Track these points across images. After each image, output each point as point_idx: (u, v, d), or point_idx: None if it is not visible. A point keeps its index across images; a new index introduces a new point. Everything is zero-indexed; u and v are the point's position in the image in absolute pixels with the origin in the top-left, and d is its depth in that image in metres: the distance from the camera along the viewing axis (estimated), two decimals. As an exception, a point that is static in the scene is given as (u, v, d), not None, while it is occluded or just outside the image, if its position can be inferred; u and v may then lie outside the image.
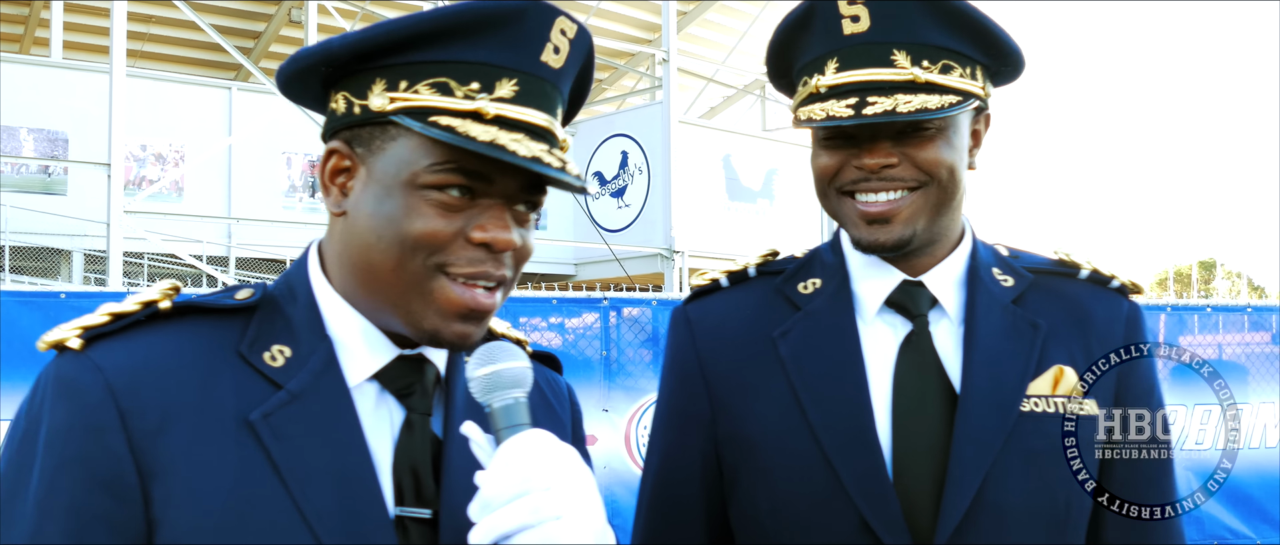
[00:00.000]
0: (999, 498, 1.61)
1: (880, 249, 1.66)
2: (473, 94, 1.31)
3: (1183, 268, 39.97)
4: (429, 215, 1.30)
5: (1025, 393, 1.65)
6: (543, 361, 1.68)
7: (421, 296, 1.32)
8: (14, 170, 14.10)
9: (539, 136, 1.34)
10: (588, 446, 1.68)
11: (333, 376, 1.34)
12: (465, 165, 1.30)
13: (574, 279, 17.61)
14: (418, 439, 1.37)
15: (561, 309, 6.78)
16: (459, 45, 1.32)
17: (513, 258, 1.37)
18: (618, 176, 17.56)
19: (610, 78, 21.87)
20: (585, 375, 6.55)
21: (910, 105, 1.58)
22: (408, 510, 1.33)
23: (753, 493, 1.71)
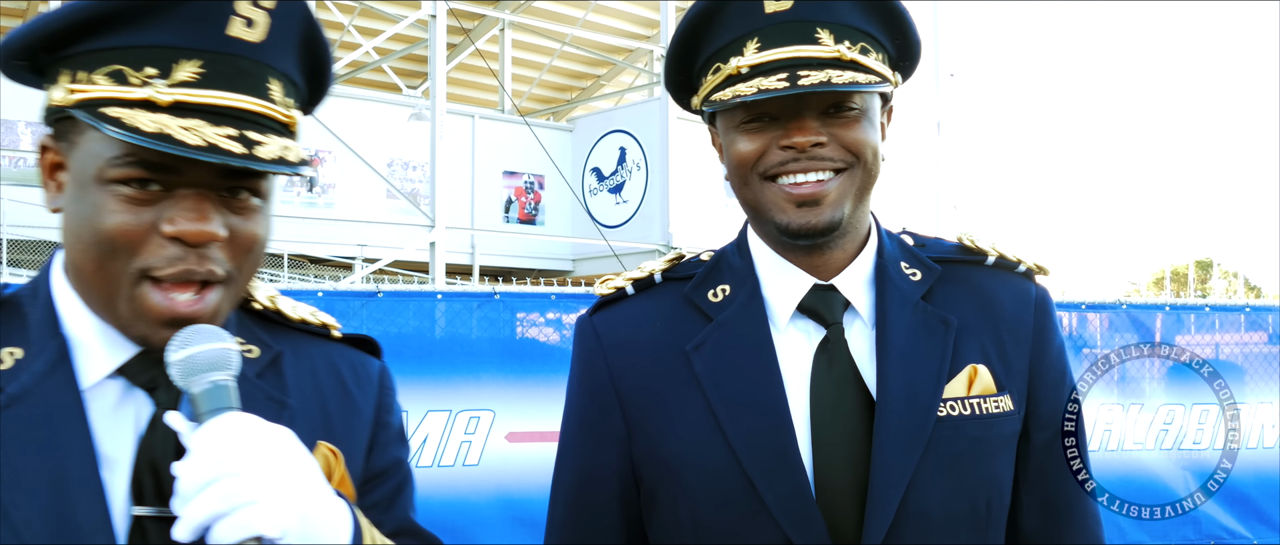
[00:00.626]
0: (922, 505, 1.58)
1: (811, 233, 1.62)
2: (148, 80, 1.24)
3: (1179, 267, 40.00)
4: (117, 211, 1.25)
5: (941, 396, 1.63)
6: (357, 345, 1.62)
7: (129, 304, 1.28)
8: (12, 163, 14.09)
9: (228, 119, 1.25)
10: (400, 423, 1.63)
11: (60, 377, 1.30)
12: (145, 157, 1.24)
13: (572, 275, 17.60)
14: (161, 436, 1.30)
15: (560, 304, 6.78)
16: (133, 28, 1.24)
17: (229, 250, 1.30)
18: (616, 172, 17.55)
19: (608, 74, 21.85)
20: (583, 371, 6.54)
21: (842, 78, 1.57)
22: (147, 509, 1.28)
23: (674, 513, 1.67)
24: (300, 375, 1.49)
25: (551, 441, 6.87)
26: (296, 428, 1.41)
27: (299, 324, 1.56)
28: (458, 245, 15.99)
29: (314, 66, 1.42)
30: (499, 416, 6.25)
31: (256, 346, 1.47)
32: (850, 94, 1.61)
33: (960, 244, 1.81)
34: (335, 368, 1.55)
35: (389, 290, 6.64)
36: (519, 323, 6.72)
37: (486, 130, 17.36)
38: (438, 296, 6.63)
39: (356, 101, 16.13)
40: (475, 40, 17.09)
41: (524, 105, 19.61)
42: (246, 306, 1.52)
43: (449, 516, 6.09)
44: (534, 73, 20.86)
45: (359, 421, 1.54)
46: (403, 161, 16.30)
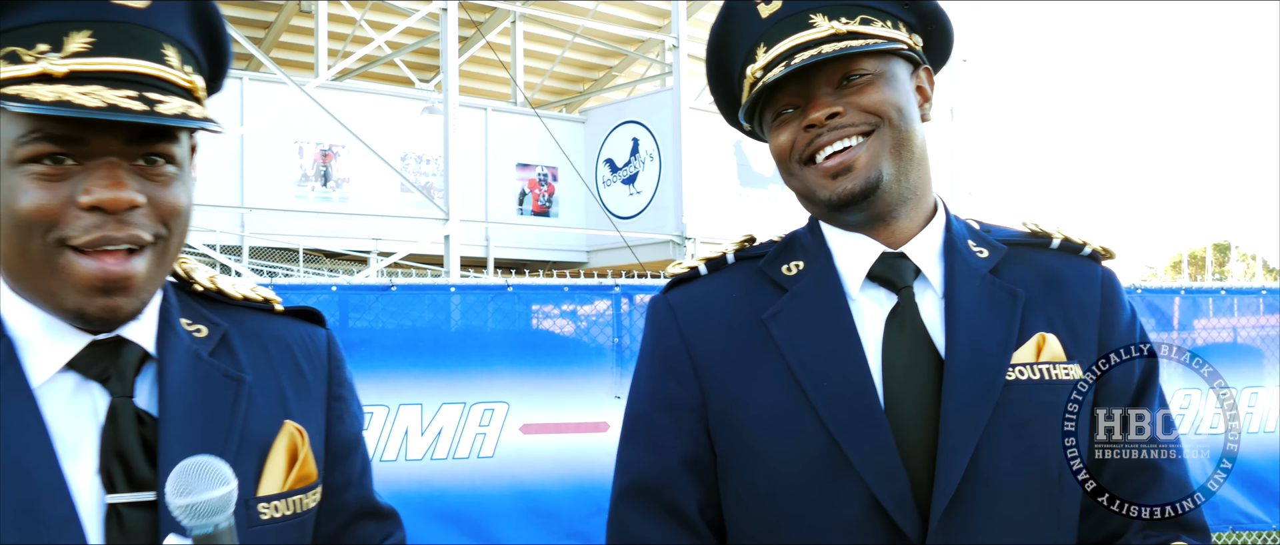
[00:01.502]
0: (991, 467, 1.60)
1: (850, 199, 1.67)
2: (41, 55, 1.25)
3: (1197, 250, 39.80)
4: (31, 190, 1.26)
5: (1009, 361, 1.65)
6: (302, 317, 1.62)
7: (54, 276, 1.28)
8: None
9: (124, 83, 1.26)
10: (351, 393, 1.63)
11: (9, 378, 1.30)
12: (50, 131, 1.25)
13: (586, 266, 17.61)
14: (122, 424, 1.32)
15: (573, 296, 6.78)
16: (18, 8, 1.26)
17: (151, 215, 1.31)
18: (629, 163, 17.55)
19: (620, 65, 21.83)
20: (597, 362, 6.55)
21: (835, 48, 1.63)
22: (121, 497, 1.29)
23: (751, 477, 1.69)
24: (252, 352, 1.50)
25: (566, 433, 6.83)
26: (255, 404, 1.43)
27: (242, 301, 1.57)
28: (472, 238, 16.02)
29: (207, 32, 1.41)
30: (513, 408, 6.26)
31: (204, 326, 1.48)
32: (855, 62, 1.67)
33: (1026, 228, 1.85)
34: (285, 342, 1.56)
35: (403, 283, 6.67)
36: (533, 314, 6.74)
37: (499, 123, 17.37)
38: (452, 289, 6.64)
39: (369, 96, 16.16)
40: (487, 33, 17.09)
41: (536, 97, 19.61)
42: (189, 288, 1.54)
43: (464, 508, 6.11)
44: (546, 64, 20.85)
45: (313, 396, 1.54)
46: (416, 155, 16.32)
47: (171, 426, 1.34)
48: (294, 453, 1.44)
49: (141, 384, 1.37)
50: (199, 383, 1.39)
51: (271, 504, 1.40)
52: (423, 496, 6.04)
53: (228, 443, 1.37)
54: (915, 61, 1.77)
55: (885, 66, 1.70)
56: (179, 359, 1.40)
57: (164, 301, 1.45)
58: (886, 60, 1.70)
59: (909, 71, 1.75)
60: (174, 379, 1.38)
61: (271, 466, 1.41)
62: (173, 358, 1.40)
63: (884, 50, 1.68)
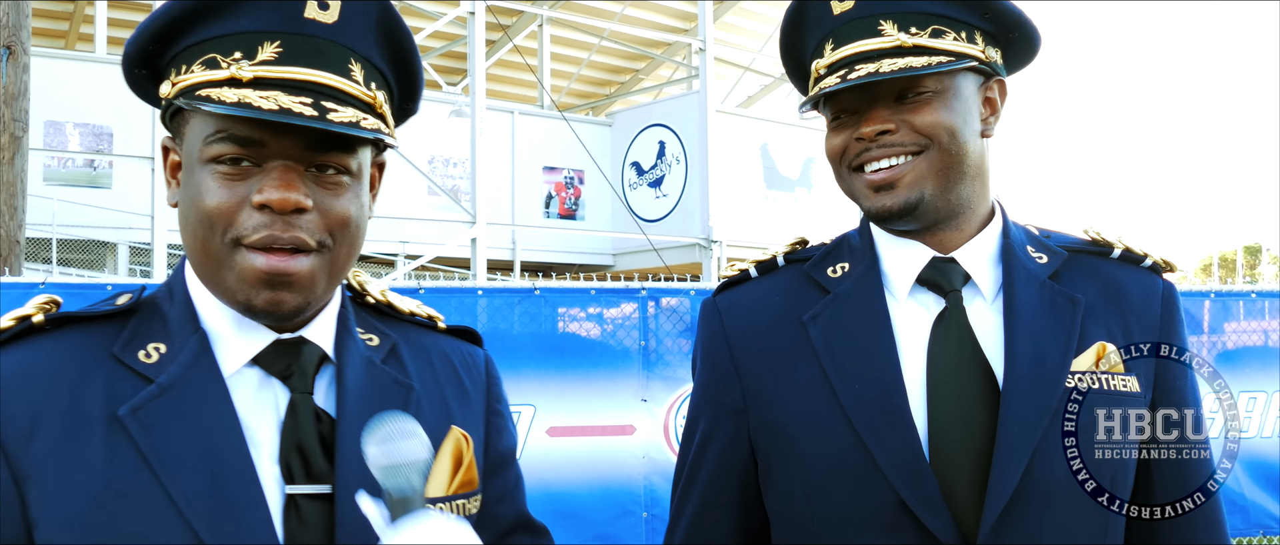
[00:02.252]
0: (1047, 475, 1.59)
1: (888, 215, 1.68)
2: (234, 62, 1.34)
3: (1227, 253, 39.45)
4: (213, 189, 1.34)
5: (1068, 368, 1.64)
6: (460, 335, 1.70)
7: (230, 271, 1.35)
8: (60, 164, 14.28)
9: (303, 91, 1.34)
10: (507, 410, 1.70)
11: (204, 366, 1.38)
12: (234, 132, 1.33)
13: (612, 269, 17.62)
14: (302, 419, 1.39)
15: (600, 299, 6.79)
16: (221, 20, 1.35)
17: (318, 222, 1.37)
18: (655, 166, 17.56)
19: (647, 68, 21.85)
20: (623, 365, 6.55)
21: (894, 66, 1.62)
22: (300, 488, 1.36)
23: (788, 479, 1.71)
24: (418, 363, 1.57)
25: (592, 436, 6.84)
26: (423, 412, 1.49)
27: (408, 316, 1.66)
28: (498, 241, 16.08)
29: (397, 52, 1.49)
30: (540, 411, 6.27)
31: (376, 336, 1.56)
32: (918, 79, 1.65)
33: (1086, 236, 1.85)
34: (447, 357, 1.63)
35: (431, 287, 6.68)
36: (560, 317, 6.74)
37: (526, 126, 17.42)
38: (479, 292, 6.66)
39: (397, 99, 16.20)
40: (514, 36, 17.14)
41: (563, 100, 19.65)
42: (362, 300, 1.62)
43: (492, 510, 6.13)
44: (572, 68, 20.89)
45: (473, 411, 1.61)
46: (443, 158, 16.39)
47: (350, 424, 1.40)
48: (459, 458, 1.49)
49: (319, 383, 1.44)
50: (373, 386, 1.46)
51: (438, 507, 1.44)
52: (450, 498, 6.03)
53: None
54: (987, 73, 1.74)
55: (949, 83, 1.67)
56: (355, 363, 1.47)
57: (341, 309, 1.52)
58: (951, 76, 1.68)
59: (978, 84, 1.72)
60: (351, 381, 1.45)
61: (438, 470, 1.46)
62: (350, 361, 1.47)
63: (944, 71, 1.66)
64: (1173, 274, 1.83)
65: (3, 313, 1.41)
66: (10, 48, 7.66)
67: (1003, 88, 1.78)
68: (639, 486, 6.28)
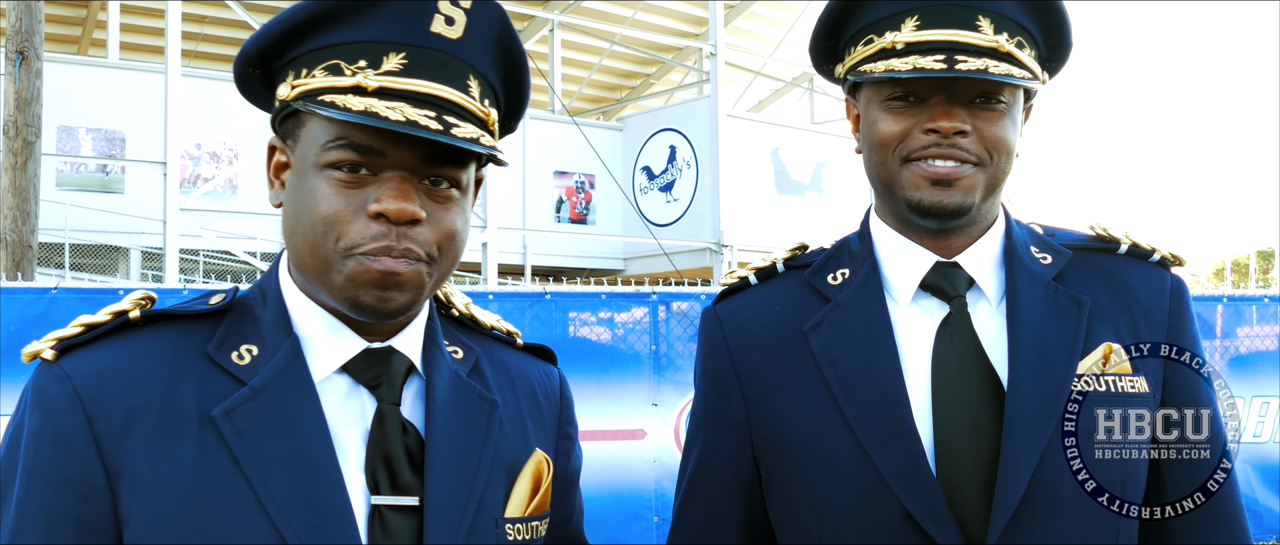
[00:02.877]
0: (1053, 481, 1.57)
1: (941, 212, 1.63)
2: (359, 70, 1.34)
3: (1240, 257, 39.31)
4: (329, 195, 1.34)
5: (1074, 371, 1.62)
6: (536, 354, 1.71)
7: (339, 275, 1.35)
8: (73, 169, 14.34)
9: (427, 104, 1.35)
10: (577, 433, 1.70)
11: (297, 371, 1.38)
12: (355, 140, 1.33)
13: (623, 274, 17.63)
14: (389, 429, 1.39)
15: (610, 303, 6.79)
16: (347, 27, 1.36)
17: (431, 236, 1.38)
18: (666, 171, 17.56)
19: (658, 72, 21.86)
20: (634, 370, 6.55)
21: (999, 69, 1.58)
22: (386, 499, 1.36)
23: (792, 491, 1.68)
24: (499, 380, 1.57)
25: (603, 440, 6.85)
26: (505, 428, 1.50)
27: (490, 331, 1.66)
28: (509, 245, 16.09)
29: (510, 71, 1.51)
30: (551, 415, 6.27)
31: (460, 349, 1.55)
32: (1000, 87, 1.61)
33: (1092, 232, 1.81)
34: (526, 376, 1.63)
35: (442, 291, 6.69)
36: (571, 322, 6.75)
37: (537, 130, 17.44)
38: (490, 297, 6.66)
39: (408, 104, 16.24)
40: (525, 41, 17.16)
41: (574, 105, 19.67)
42: (448, 313, 1.62)
43: (503, 515, 6.13)
44: (583, 72, 20.92)
45: (547, 431, 1.61)
46: (454, 163, 16.40)
47: (437, 439, 1.41)
48: (538, 481, 1.50)
49: (405, 395, 1.44)
50: (459, 400, 1.46)
51: (515, 526, 1.46)
52: (461, 503, 6.04)
53: (483, 461, 1.44)
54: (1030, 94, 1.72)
55: (1014, 98, 1.65)
56: (443, 376, 1.47)
57: (429, 320, 1.52)
58: (1017, 92, 1.65)
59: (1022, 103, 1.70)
60: (440, 394, 1.45)
61: (518, 490, 1.48)
62: (438, 374, 1.47)
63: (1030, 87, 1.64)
64: (1181, 268, 1.79)
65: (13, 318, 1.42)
66: (23, 53, 7.70)
67: (1030, 111, 1.77)
68: (650, 491, 6.28)
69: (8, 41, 7.76)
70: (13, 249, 7.58)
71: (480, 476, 1.42)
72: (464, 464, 1.41)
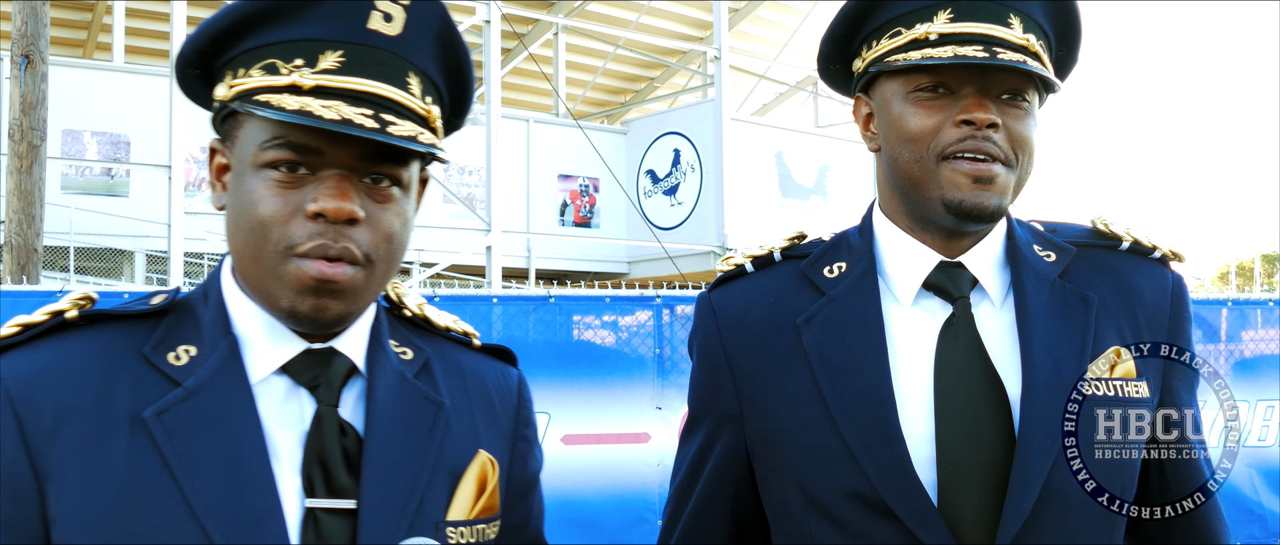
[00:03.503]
0: (1064, 485, 1.57)
1: (981, 214, 1.60)
2: (295, 69, 1.33)
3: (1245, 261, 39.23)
4: (267, 195, 1.33)
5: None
6: (494, 355, 1.68)
7: (276, 278, 1.34)
8: (78, 173, 14.37)
9: (364, 102, 1.34)
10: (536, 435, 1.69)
11: (233, 372, 1.37)
12: (292, 139, 1.33)
13: (627, 277, 17.64)
14: (326, 431, 1.37)
15: (615, 307, 6.79)
16: (283, 25, 1.35)
17: (369, 237, 1.36)
18: (670, 174, 17.56)
19: (662, 76, 21.87)
20: (639, 373, 6.56)
21: (1035, 65, 1.57)
22: (320, 502, 1.34)
23: (784, 488, 1.69)
24: (451, 381, 1.55)
25: (607, 444, 6.82)
26: (452, 430, 1.48)
27: (444, 331, 1.64)
28: (514, 248, 16.10)
29: (452, 67, 1.50)
30: (554, 419, 6.28)
31: (410, 349, 1.54)
32: (1027, 85, 1.62)
33: (1094, 228, 1.80)
34: (480, 377, 1.61)
35: (446, 294, 6.70)
36: (574, 325, 6.75)
37: (541, 134, 17.46)
38: (494, 300, 6.67)
39: (412, 107, 16.26)
40: (529, 45, 17.19)
41: (578, 109, 19.68)
42: (399, 313, 1.61)
43: (507, 518, 6.13)
44: (588, 76, 20.93)
45: (501, 433, 1.59)
46: (459, 166, 16.43)
47: (376, 441, 1.39)
48: (484, 483, 1.48)
49: (346, 396, 1.42)
50: (403, 402, 1.45)
51: (458, 529, 1.44)
52: (465, 506, 6.05)
53: (424, 463, 1.43)
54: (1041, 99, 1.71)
55: (1035, 100, 1.65)
56: (386, 377, 1.46)
57: (375, 321, 1.50)
58: (1036, 93, 1.66)
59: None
60: (381, 395, 1.43)
61: (461, 493, 1.46)
62: (381, 375, 1.45)
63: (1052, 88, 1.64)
64: (1181, 264, 1.79)
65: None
66: (29, 57, 7.72)
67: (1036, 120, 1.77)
68: (654, 494, 6.28)
69: (13, 45, 7.78)
70: (18, 252, 7.60)
71: (421, 479, 1.40)
72: (404, 466, 1.40)
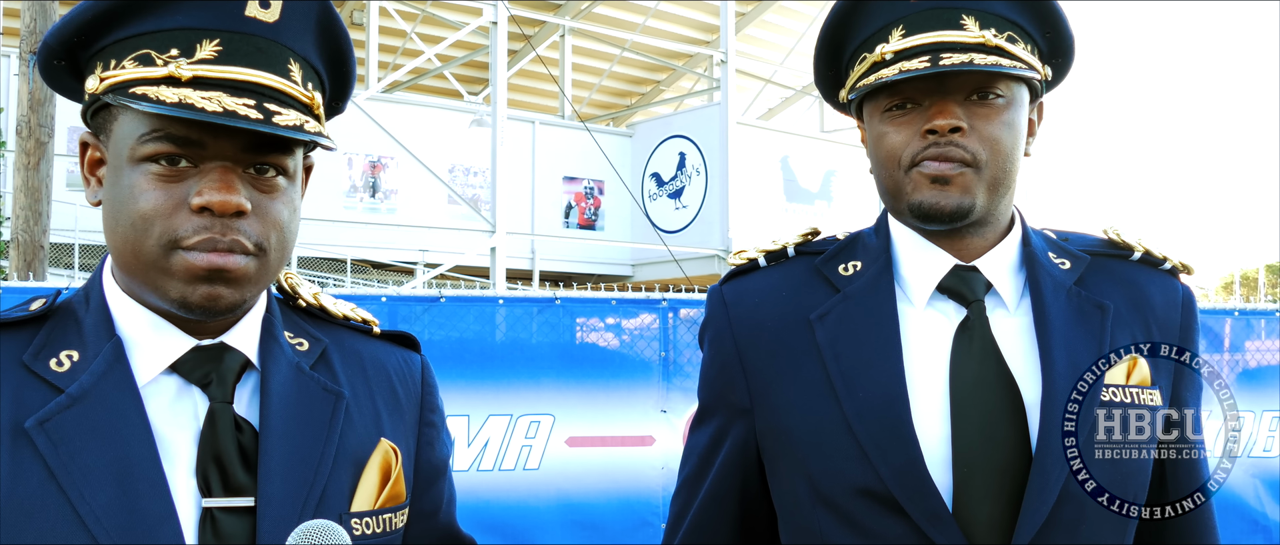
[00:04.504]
0: (1079, 490, 1.58)
1: (940, 214, 1.63)
2: (171, 59, 1.29)
3: (1249, 271, 39.14)
4: (147, 190, 1.30)
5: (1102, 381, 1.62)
6: (396, 341, 1.65)
7: (162, 272, 1.31)
8: (84, 170, 14.38)
9: (245, 92, 1.31)
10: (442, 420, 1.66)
11: (118, 375, 1.33)
12: (172, 132, 1.29)
13: (632, 280, 17.64)
14: (221, 429, 1.34)
15: (619, 310, 6.79)
16: (156, 15, 1.31)
17: (258, 227, 1.34)
18: (675, 177, 17.57)
19: (668, 79, 21.87)
20: (643, 376, 6.55)
21: (986, 61, 1.58)
22: (217, 501, 1.31)
23: (793, 484, 1.69)
24: (350, 370, 1.52)
25: (611, 446, 6.80)
26: (352, 420, 1.45)
27: (342, 320, 1.60)
28: (518, 250, 16.10)
29: (333, 52, 1.46)
30: (559, 421, 6.27)
31: (306, 340, 1.51)
32: (994, 80, 1.63)
33: (1106, 238, 1.82)
34: (381, 364, 1.57)
35: (451, 295, 6.69)
36: (579, 327, 6.74)
37: (547, 136, 17.47)
38: (499, 301, 6.66)
39: (418, 108, 16.30)
40: (536, 46, 17.19)
41: (584, 111, 19.69)
42: (294, 304, 1.57)
43: (510, 520, 6.14)
44: (594, 78, 20.94)
45: (405, 420, 1.56)
46: (464, 167, 16.44)
47: (272, 435, 1.36)
48: (387, 471, 1.46)
49: (241, 392, 1.39)
50: (299, 394, 1.42)
51: (362, 520, 1.41)
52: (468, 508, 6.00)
53: (325, 456, 1.40)
54: (1036, 92, 1.73)
55: (1016, 93, 1.66)
56: (281, 369, 1.42)
57: (268, 313, 1.47)
58: (1019, 86, 1.66)
59: (1029, 100, 1.71)
60: (276, 388, 1.40)
61: (365, 483, 1.43)
62: (275, 368, 1.42)
63: (1024, 77, 1.65)
64: (1191, 276, 1.81)
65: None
66: (37, 55, 7.73)
67: (1042, 112, 1.77)
68: (658, 497, 6.27)
69: (22, 42, 7.79)
70: (24, 249, 7.61)
71: (322, 472, 1.37)
72: (303, 459, 1.36)
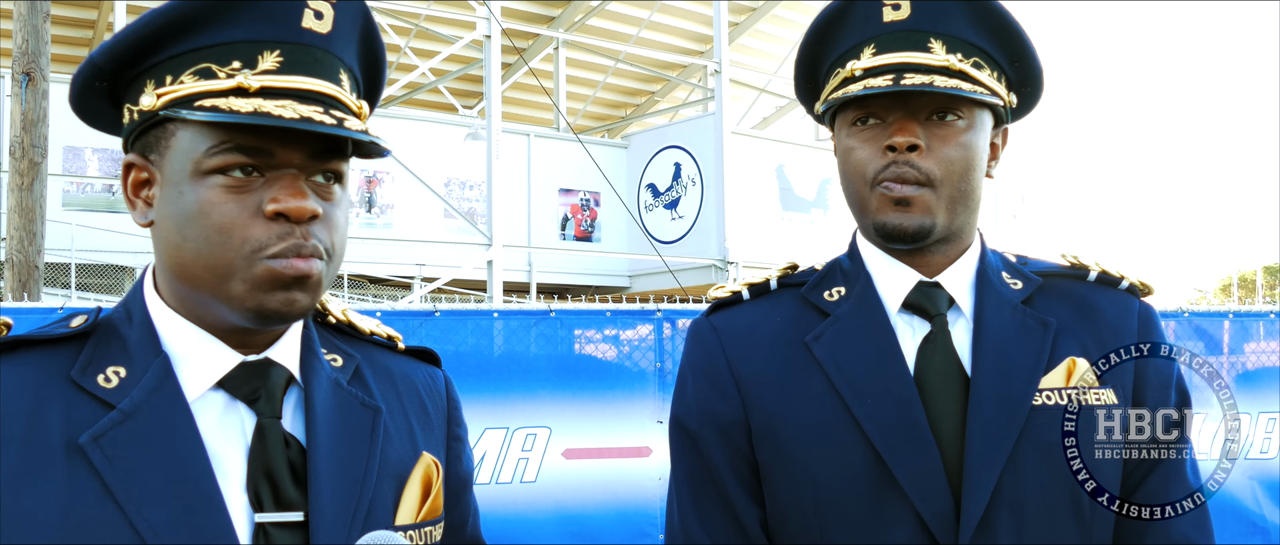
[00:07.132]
0: (1017, 492, 1.61)
1: (901, 235, 1.68)
2: (235, 72, 1.31)
3: (1247, 273, 39.19)
4: (221, 203, 1.30)
5: (1037, 386, 1.66)
6: (419, 357, 1.65)
7: (243, 282, 1.31)
8: (79, 190, 14.39)
9: (312, 100, 1.33)
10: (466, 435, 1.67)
11: (168, 391, 1.32)
12: (242, 142, 1.30)
13: (628, 291, 17.63)
14: (270, 444, 1.34)
15: (616, 321, 6.79)
16: (214, 28, 1.32)
17: (327, 233, 1.35)
18: (671, 188, 17.58)
19: (663, 90, 21.90)
20: (639, 387, 6.55)
21: (946, 83, 1.64)
22: (270, 516, 1.31)
23: (795, 491, 1.70)
24: (382, 385, 1.53)
25: (608, 458, 6.82)
26: (391, 435, 1.46)
27: (369, 336, 1.61)
28: (515, 263, 16.11)
29: (372, 62, 1.48)
30: (556, 433, 6.27)
31: (339, 356, 1.51)
32: (954, 102, 1.68)
33: (1063, 261, 1.86)
34: (410, 379, 1.58)
35: (447, 309, 6.69)
36: (576, 339, 6.74)
37: (542, 148, 17.48)
38: (495, 314, 6.66)
39: (413, 122, 16.30)
40: (530, 60, 17.22)
41: (579, 123, 19.71)
42: (324, 320, 1.57)
43: (507, 533, 6.13)
44: (588, 90, 20.96)
45: (435, 434, 1.57)
46: (460, 181, 16.44)
47: (319, 450, 1.37)
48: (428, 485, 1.47)
49: (285, 407, 1.39)
50: (340, 409, 1.42)
51: (407, 533, 1.41)
52: (466, 521, 6.04)
53: (370, 470, 1.40)
54: (1001, 118, 1.78)
55: (977, 117, 1.71)
56: (322, 385, 1.43)
57: (305, 329, 1.48)
58: (981, 110, 1.72)
59: (992, 125, 1.76)
60: (320, 403, 1.40)
61: (407, 497, 1.44)
62: (317, 383, 1.42)
63: (984, 101, 1.69)
64: (1150, 297, 1.84)
65: (23, 337, 1.39)
66: (30, 74, 7.73)
67: (1006, 137, 1.83)
68: (655, 508, 6.26)
69: (14, 63, 7.80)
70: (19, 269, 7.60)
71: (368, 486, 1.38)
72: (349, 474, 1.37)
